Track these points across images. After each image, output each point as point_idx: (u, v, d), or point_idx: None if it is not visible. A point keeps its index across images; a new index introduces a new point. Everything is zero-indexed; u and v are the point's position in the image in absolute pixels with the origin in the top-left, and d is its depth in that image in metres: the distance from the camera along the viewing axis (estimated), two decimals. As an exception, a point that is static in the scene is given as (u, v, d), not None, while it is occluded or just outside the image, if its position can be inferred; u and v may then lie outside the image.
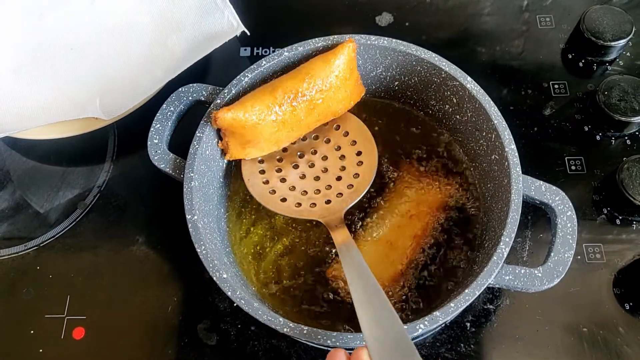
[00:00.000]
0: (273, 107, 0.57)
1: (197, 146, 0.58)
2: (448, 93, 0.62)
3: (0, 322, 0.63)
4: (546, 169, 0.68)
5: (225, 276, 0.52)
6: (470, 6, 0.81)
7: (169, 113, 0.61)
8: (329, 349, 0.59)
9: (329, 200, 0.59)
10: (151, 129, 0.60)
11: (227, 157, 0.60)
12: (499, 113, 0.57)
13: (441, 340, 0.60)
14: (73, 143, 0.70)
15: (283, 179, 0.60)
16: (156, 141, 0.60)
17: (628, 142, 0.69)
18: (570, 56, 0.75)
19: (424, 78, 0.63)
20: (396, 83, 0.65)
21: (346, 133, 0.62)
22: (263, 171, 0.61)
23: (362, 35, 0.61)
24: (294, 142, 0.62)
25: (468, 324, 0.60)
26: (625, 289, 0.61)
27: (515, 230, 0.52)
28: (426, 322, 0.49)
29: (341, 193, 0.59)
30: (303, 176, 0.61)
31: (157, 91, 0.70)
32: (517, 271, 0.52)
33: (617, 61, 0.74)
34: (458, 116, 0.62)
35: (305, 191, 0.60)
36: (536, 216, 0.64)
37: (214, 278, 0.52)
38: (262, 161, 0.61)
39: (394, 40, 0.61)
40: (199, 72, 0.74)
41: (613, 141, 0.69)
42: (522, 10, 0.80)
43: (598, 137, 0.69)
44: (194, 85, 0.62)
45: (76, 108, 0.70)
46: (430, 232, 0.60)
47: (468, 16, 0.80)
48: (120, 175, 0.71)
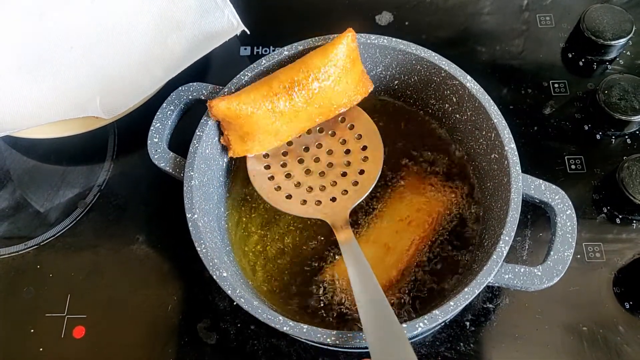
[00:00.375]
0: (268, 96, 0.57)
1: (197, 145, 0.58)
2: (448, 92, 0.62)
3: (0, 321, 0.63)
4: (546, 168, 0.67)
5: (225, 275, 0.52)
6: (470, 5, 0.80)
7: (169, 112, 0.61)
8: (329, 348, 0.59)
9: (334, 197, 0.58)
10: (151, 128, 0.61)
11: (230, 154, 0.60)
12: (499, 112, 0.57)
13: (441, 339, 0.60)
14: (73, 142, 0.70)
15: (288, 175, 0.60)
16: (156, 140, 0.60)
17: (628, 141, 0.69)
18: (570, 55, 0.75)
19: (424, 77, 0.63)
20: (396, 82, 0.65)
21: (352, 126, 0.61)
22: (268, 166, 0.60)
23: (362, 34, 0.61)
24: (299, 136, 0.61)
25: (467, 323, 0.60)
26: (625, 288, 0.61)
27: (514, 229, 0.52)
28: (425, 321, 0.49)
29: (346, 190, 0.58)
30: (308, 171, 0.60)
31: (157, 90, 0.70)
32: (517, 270, 0.52)
33: (617, 60, 0.74)
34: (458, 115, 0.62)
35: (310, 187, 0.59)
36: (536, 215, 0.64)
37: (214, 277, 0.52)
38: (267, 155, 0.61)
39: (394, 39, 0.61)
40: (199, 72, 0.74)
41: (613, 140, 0.69)
42: (522, 9, 0.80)
43: (598, 136, 0.69)
44: (194, 84, 0.62)
45: (76, 107, 0.70)
46: (429, 240, 0.59)
47: (468, 15, 0.80)
48: (120, 174, 0.71)
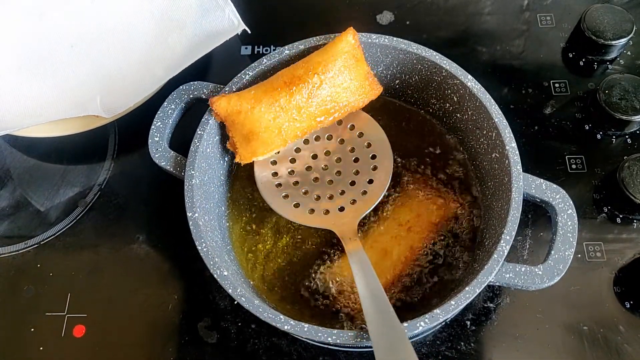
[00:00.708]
0: (268, 92, 0.57)
1: (198, 144, 0.58)
2: (449, 91, 0.62)
3: (0, 320, 0.63)
4: (547, 168, 0.67)
5: (226, 274, 0.52)
6: (470, 5, 0.81)
7: (170, 111, 0.61)
8: (330, 347, 0.59)
9: (343, 207, 0.58)
10: (152, 127, 0.61)
11: (237, 159, 0.59)
12: (500, 111, 0.57)
13: (441, 338, 0.60)
14: (74, 141, 0.70)
15: (296, 182, 0.59)
16: (157, 139, 0.60)
17: (629, 141, 0.69)
18: (570, 55, 0.75)
19: (425, 76, 0.63)
20: (397, 81, 0.65)
21: (360, 134, 0.60)
22: (275, 173, 0.60)
23: (363, 33, 0.61)
24: (307, 142, 0.61)
25: (468, 322, 0.60)
26: (625, 288, 0.61)
27: (515, 228, 0.52)
28: (427, 320, 0.49)
29: (355, 200, 0.58)
30: (316, 179, 0.60)
31: (158, 89, 0.70)
32: (518, 269, 0.52)
33: (618, 60, 0.74)
34: (459, 114, 0.62)
35: (318, 196, 0.59)
36: (536, 215, 0.64)
37: (215, 276, 0.52)
38: (275, 162, 0.60)
39: (395, 38, 0.61)
40: (200, 71, 0.74)
41: (614, 140, 0.69)
42: (523, 9, 0.80)
43: (599, 136, 0.69)
44: (195, 83, 0.62)
45: (77, 106, 0.70)
46: (428, 246, 0.59)
47: (469, 15, 0.80)
48: (121, 173, 0.71)
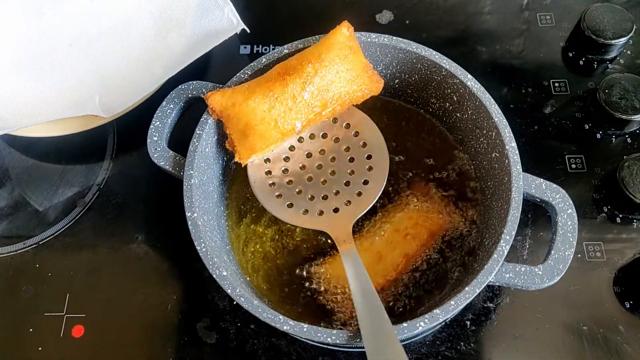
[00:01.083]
0: (261, 83, 0.57)
1: (197, 143, 0.58)
2: (448, 91, 0.61)
3: (-1, 320, 0.63)
4: (546, 167, 0.67)
5: (225, 274, 0.52)
6: (470, 5, 0.80)
7: (169, 110, 0.61)
8: (329, 347, 0.59)
9: (337, 208, 0.57)
10: (151, 127, 0.60)
11: (236, 158, 0.58)
12: (500, 111, 0.57)
13: (441, 338, 0.60)
14: (72, 141, 0.70)
15: (290, 181, 0.59)
16: (156, 139, 0.60)
17: (629, 141, 0.69)
18: (570, 54, 0.75)
19: (425, 76, 0.62)
20: (396, 81, 0.65)
21: (356, 133, 0.60)
22: (269, 172, 0.59)
23: (362, 32, 0.61)
24: (301, 141, 0.60)
25: (468, 322, 0.60)
26: (625, 288, 0.61)
27: (515, 228, 0.52)
28: (426, 320, 0.48)
29: (349, 201, 0.57)
30: (310, 179, 0.59)
31: (157, 89, 0.70)
32: (518, 269, 0.52)
33: (618, 59, 0.74)
34: (458, 114, 0.62)
35: (312, 196, 0.58)
36: (536, 214, 0.64)
37: (214, 276, 0.52)
38: (268, 160, 0.59)
39: (394, 37, 0.61)
40: (199, 70, 0.74)
41: (613, 139, 0.69)
42: (522, 8, 0.79)
43: (598, 136, 0.69)
44: (194, 82, 0.62)
45: (75, 105, 0.70)
46: (423, 255, 0.58)
47: (468, 15, 0.80)
48: (119, 173, 0.71)
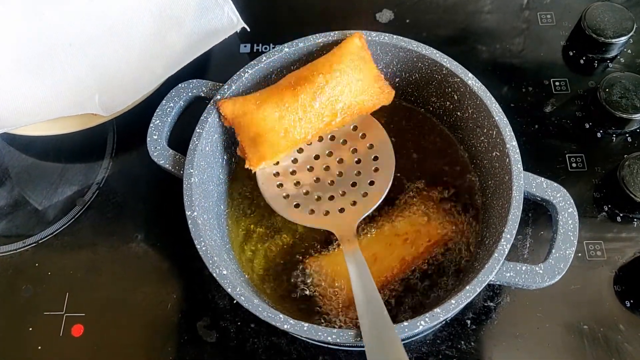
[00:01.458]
0: (272, 92, 0.57)
1: (197, 142, 0.57)
2: (449, 90, 0.61)
3: (-2, 320, 0.63)
4: (547, 166, 0.67)
5: (225, 273, 0.52)
6: (470, 4, 0.80)
7: (169, 109, 0.61)
8: (329, 346, 0.59)
9: (343, 208, 0.57)
10: (150, 125, 0.60)
11: (247, 165, 0.58)
12: (500, 109, 0.57)
13: (442, 337, 0.60)
14: (72, 140, 0.70)
15: (297, 182, 0.59)
16: (156, 137, 0.60)
17: (629, 140, 0.69)
18: (571, 53, 0.75)
19: (425, 75, 0.62)
20: (397, 80, 0.65)
21: (363, 135, 0.60)
22: (277, 173, 0.59)
23: (363, 31, 0.61)
24: (310, 143, 0.60)
25: (468, 322, 0.60)
26: (625, 287, 0.61)
27: (516, 227, 0.52)
28: (427, 319, 0.48)
29: (355, 202, 0.57)
30: (317, 180, 0.59)
31: (157, 87, 0.69)
32: (518, 268, 0.52)
33: (618, 58, 0.74)
34: (459, 113, 0.62)
35: (319, 197, 0.58)
36: (537, 213, 0.64)
37: (214, 274, 0.51)
38: (277, 163, 0.59)
39: (395, 36, 0.61)
40: (199, 69, 0.74)
41: (614, 138, 0.69)
42: (523, 7, 0.79)
43: (599, 135, 0.69)
44: (194, 81, 0.62)
45: (75, 104, 0.69)
46: (419, 262, 0.58)
47: (469, 14, 0.80)
48: (119, 171, 0.71)
